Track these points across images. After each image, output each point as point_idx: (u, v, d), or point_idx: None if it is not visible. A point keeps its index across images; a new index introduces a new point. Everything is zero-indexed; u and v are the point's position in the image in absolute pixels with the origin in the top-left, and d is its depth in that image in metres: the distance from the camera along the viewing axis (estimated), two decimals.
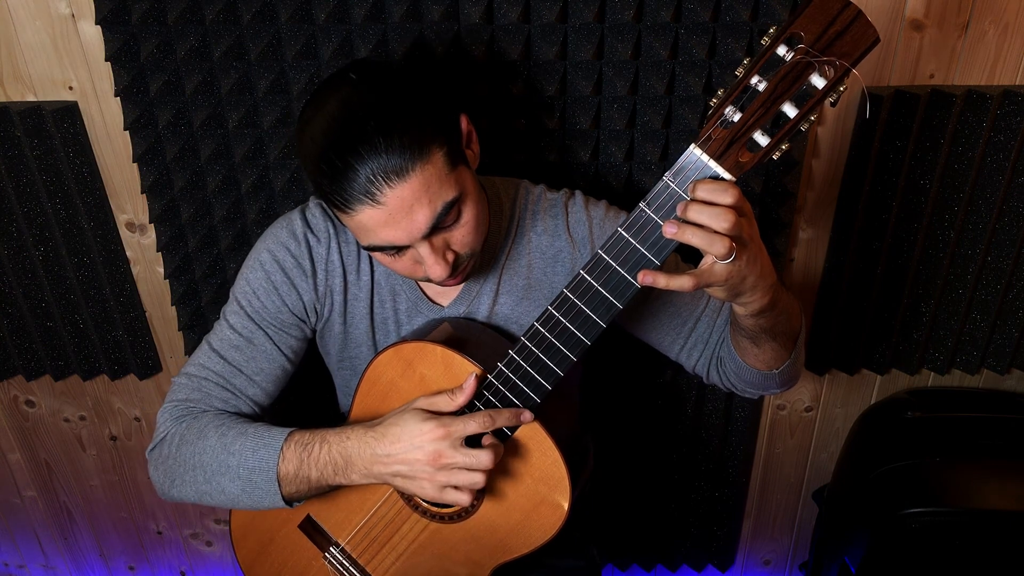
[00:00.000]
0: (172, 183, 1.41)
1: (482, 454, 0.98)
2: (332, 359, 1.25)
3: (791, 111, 0.79)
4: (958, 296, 1.52)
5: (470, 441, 1.00)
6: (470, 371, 1.02)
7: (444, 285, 1.05)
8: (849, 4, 0.75)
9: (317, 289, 1.15)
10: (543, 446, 1.04)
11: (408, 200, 0.92)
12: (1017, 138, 1.35)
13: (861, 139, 1.38)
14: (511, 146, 1.35)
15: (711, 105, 0.81)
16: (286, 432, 1.06)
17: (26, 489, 1.94)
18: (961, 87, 1.33)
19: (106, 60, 1.29)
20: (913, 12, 1.28)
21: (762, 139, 0.81)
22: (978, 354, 1.59)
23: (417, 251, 0.98)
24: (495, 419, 0.99)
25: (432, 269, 0.98)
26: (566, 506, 1.06)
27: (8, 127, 1.38)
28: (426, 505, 1.13)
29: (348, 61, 1.25)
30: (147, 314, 1.62)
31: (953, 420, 1.61)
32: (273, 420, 1.13)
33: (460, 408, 1.01)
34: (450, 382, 1.03)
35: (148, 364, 1.68)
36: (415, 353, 1.06)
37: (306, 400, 1.40)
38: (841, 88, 0.78)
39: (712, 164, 0.82)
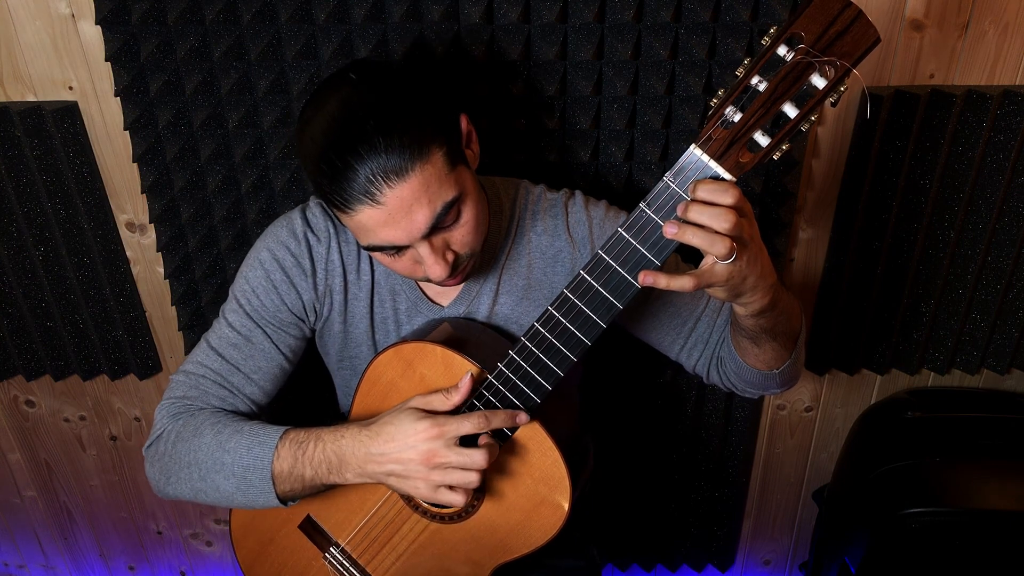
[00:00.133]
0: (172, 183, 1.41)
1: (476, 453, 0.97)
2: (332, 359, 1.25)
3: (792, 111, 0.79)
4: (958, 296, 1.52)
5: (466, 441, 0.99)
6: (471, 371, 1.02)
7: (444, 285, 1.05)
8: (850, 4, 0.75)
9: (316, 288, 1.14)
10: (543, 446, 1.04)
11: (408, 200, 0.92)
12: (1017, 138, 1.35)
13: (861, 139, 1.38)
14: (511, 146, 1.35)
15: (711, 105, 0.81)
16: (281, 430, 1.05)
17: (26, 489, 1.94)
18: (961, 87, 1.33)
19: (106, 60, 1.29)
20: (913, 12, 1.28)
21: (762, 139, 0.81)
22: (978, 354, 1.59)
23: (417, 251, 0.98)
24: (490, 420, 0.99)
25: (432, 269, 0.98)
26: (566, 506, 1.06)
27: (8, 127, 1.38)
28: (426, 505, 1.13)
29: (348, 61, 1.25)
30: (147, 314, 1.62)
31: (953, 420, 1.61)
32: (273, 420, 1.12)
33: (456, 407, 1.00)
34: (450, 382, 1.03)
35: (148, 364, 1.68)
36: (415, 353, 1.06)
37: (306, 400, 1.40)
38: (841, 88, 0.78)
39: (712, 164, 0.82)
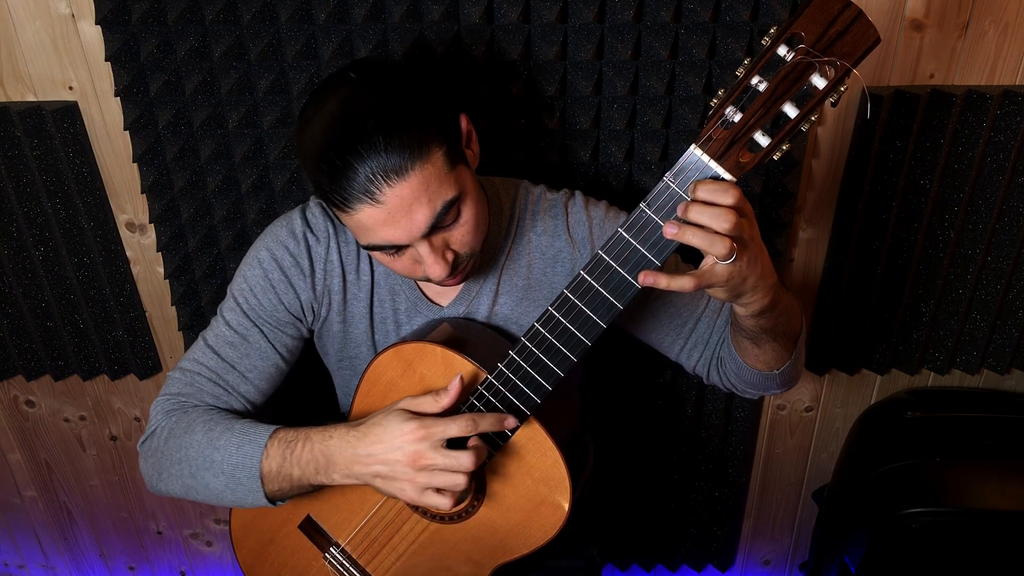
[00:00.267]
0: (172, 183, 1.41)
1: (463, 455, 0.96)
2: (331, 359, 1.25)
3: (792, 111, 0.79)
4: (958, 296, 1.52)
5: (457, 444, 0.98)
6: (471, 371, 1.02)
7: (443, 285, 1.05)
8: (850, 4, 0.75)
9: (315, 289, 1.14)
10: (543, 447, 1.04)
11: (407, 199, 0.92)
12: (1017, 138, 1.35)
13: (861, 139, 1.38)
14: (511, 146, 1.35)
15: (711, 105, 0.81)
16: (271, 429, 1.05)
17: (26, 489, 1.94)
18: (961, 87, 1.33)
19: (106, 60, 1.29)
20: (913, 12, 1.28)
21: (763, 139, 0.81)
22: (978, 354, 1.59)
23: (416, 250, 0.98)
24: (478, 423, 0.97)
25: (431, 269, 0.98)
26: (567, 506, 1.06)
27: (8, 127, 1.38)
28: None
29: (348, 61, 1.25)
30: (147, 314, 1.62)
31: (953, 420, 1.61)
32: (274, 420, 1.12)
33: (445, 409, 0.99)
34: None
35: (148, 364, 1.68)
36: (415, 353, 1.06)
37: (306, 400, 1.40)
38: (842, 88, 0.78)
39: (713, 164, 0.82)
